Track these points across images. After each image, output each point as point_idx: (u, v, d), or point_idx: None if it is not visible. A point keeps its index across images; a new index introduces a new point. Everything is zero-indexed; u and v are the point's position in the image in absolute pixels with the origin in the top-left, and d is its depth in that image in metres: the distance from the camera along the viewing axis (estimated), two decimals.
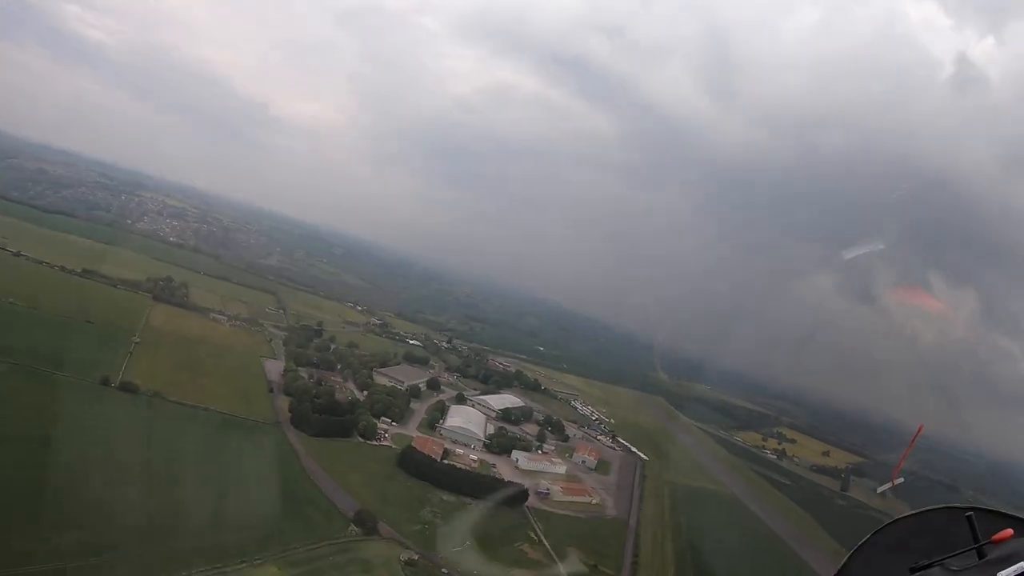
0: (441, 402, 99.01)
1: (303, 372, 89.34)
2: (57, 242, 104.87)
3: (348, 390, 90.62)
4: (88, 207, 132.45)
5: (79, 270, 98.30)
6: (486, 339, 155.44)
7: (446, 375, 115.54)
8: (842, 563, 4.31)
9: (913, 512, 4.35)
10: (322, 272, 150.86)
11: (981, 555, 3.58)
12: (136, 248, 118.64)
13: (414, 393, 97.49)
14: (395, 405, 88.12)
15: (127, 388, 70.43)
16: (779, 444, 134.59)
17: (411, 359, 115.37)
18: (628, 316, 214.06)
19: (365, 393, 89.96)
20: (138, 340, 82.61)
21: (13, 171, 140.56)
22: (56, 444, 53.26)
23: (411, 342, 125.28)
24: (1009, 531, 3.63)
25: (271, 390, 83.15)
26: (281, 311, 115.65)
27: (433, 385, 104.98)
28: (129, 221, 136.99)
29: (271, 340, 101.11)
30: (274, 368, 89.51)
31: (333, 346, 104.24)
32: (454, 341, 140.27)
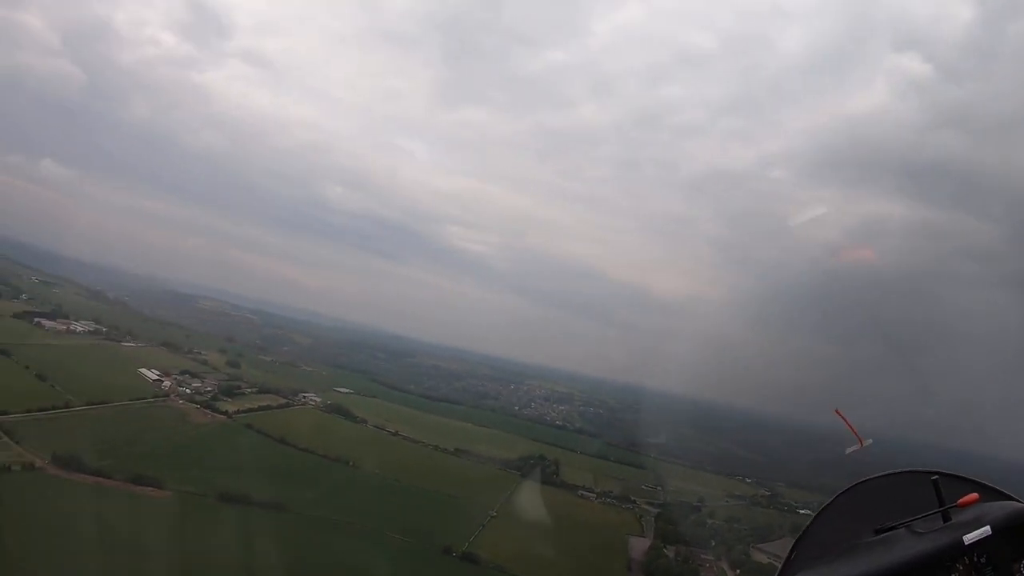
0: None
1: (669, 550, 76.23)
2: (437, 426, 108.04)
3: (719, 568, 74.69)
4: (476, 396, 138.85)
5: (451, 449, 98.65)
6: None
7: None
8: (807, 526, 4.45)
9: (878, 475, 4.40)
10: (710, 447, 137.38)
11: (946, 518, 3.62)
12: (513, 430, 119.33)
13: None
14: None
15: (468, 558, 65.83)
16: None
17: (797, 531, 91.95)
18: None
19: (737, 572, 73.65)
20: (494, 514, 77.61)
21: (412, 368, 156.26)
22: None
23: (801, 512, 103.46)
24: (975, 495, 3.68)
25: (630, 568, 71.64)
26: (658, 487, 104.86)
27: None
28: (516, 407, 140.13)
29: (641, 517, 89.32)
30: (639, 546, 77.64)
31: (709, 521, 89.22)
32: None
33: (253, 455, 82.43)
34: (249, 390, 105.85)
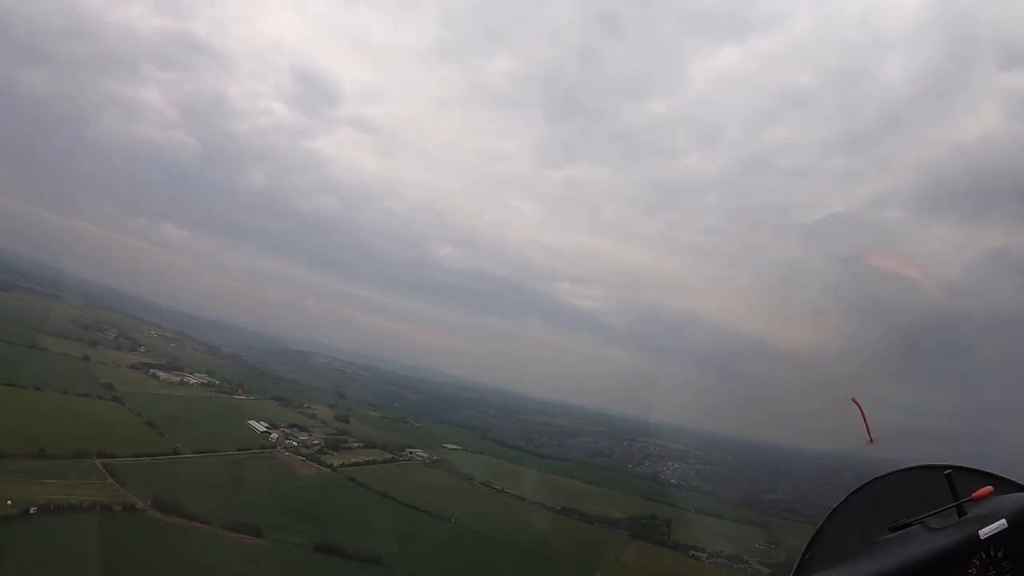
0: None
1: None
2: (545, 483, 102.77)
3: None
4: (588, 453, 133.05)
5: (558, 507, 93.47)
6: None
7: None
8: (820, 524, 4.35)
9: (891, 471, 4.39)
10: (831, 502, 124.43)
11: (961, 513, 3.60)
12: (625, 488, 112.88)
13: None
14: None
15: None
16: None
17: None
18: None
19: None
20: (599, 575, 72.11)
21: (522, 424, 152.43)
22: None
23: None
24: (989, 488, 3.65)
25: None
26: (772, 546, 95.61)
27: None
28: (629, 465, 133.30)
29: None
30: None
31: None
32: None
33: (354, 508, 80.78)
34: (356, 444, 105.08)
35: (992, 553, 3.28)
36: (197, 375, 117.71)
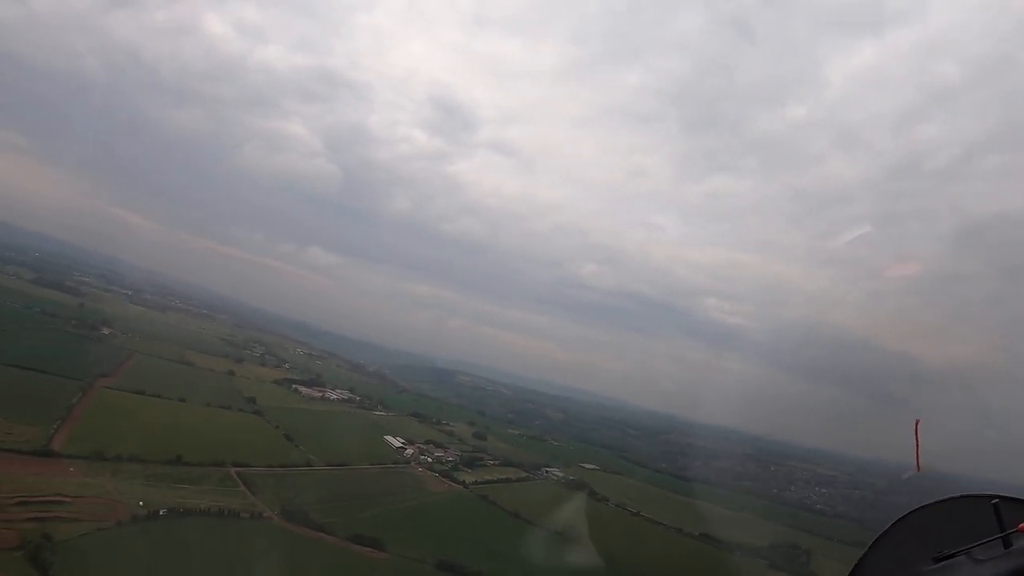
0: None
1: None
2: (684, 507, 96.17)
3: None
4: (732, 477, 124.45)
5: (696, 533, 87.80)
6: None
7: None
8: (863, 554, 4.22)
9: (935, 500, 4.26)
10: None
11: (1007, 544, 3.45)
12: (768, 515, 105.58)
13: None
14: None
15: None
16: None
17: None
18: None
19: None
20: None
21: (665, 445, 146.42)
22: None
23: None
24: None
25: None
26: None
27: None
28: (774, 490, 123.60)
29: None
30: None
31: None
32: None
33: (481, 526, 78.79)
34: (491, 462, 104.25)
35: None
36: (339, 391, 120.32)
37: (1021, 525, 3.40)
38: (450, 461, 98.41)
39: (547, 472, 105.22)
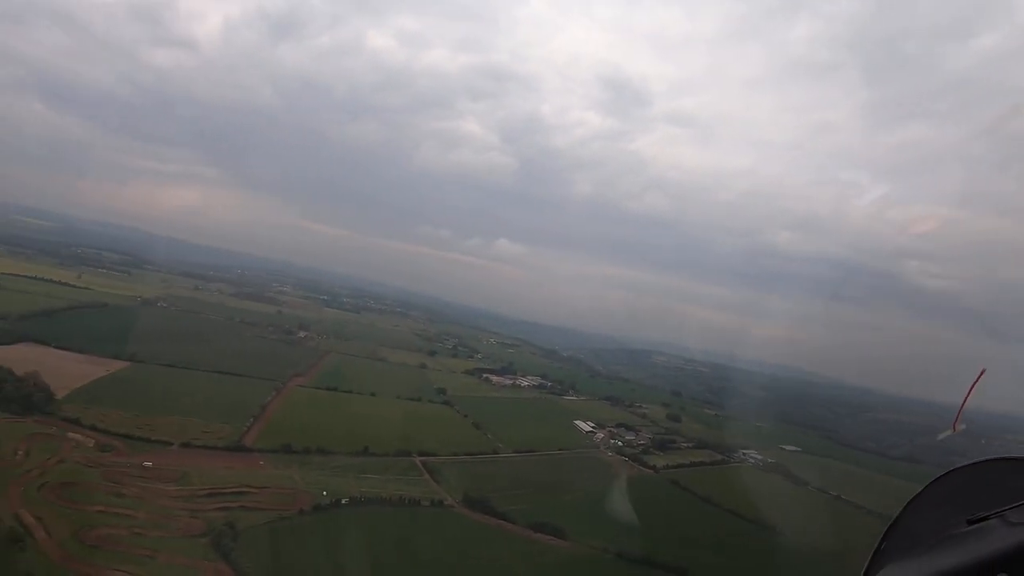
0: None
1: None
2: (889, 489, 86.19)
3: None
4: (942, 454, 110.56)
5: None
6: None
7: None
8: (896, 516, 3.96)
9: (969, 463, 3.99)
10: None
11: None
12: None
13: None
14: None
15: None
16: None
17: None
18: None
19: None
20: None
21: (871, 423, 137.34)
22: None
23: None
24: None
25: None
26: None
27: None
28: None
29: None
30: None
31: None
32: None
33: (670, 513, 76.94)
34: (684, 444, 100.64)
35: None
36: (530, 378, 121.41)
37: None
38: (641, 444, 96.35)
39: (744, 455, 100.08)
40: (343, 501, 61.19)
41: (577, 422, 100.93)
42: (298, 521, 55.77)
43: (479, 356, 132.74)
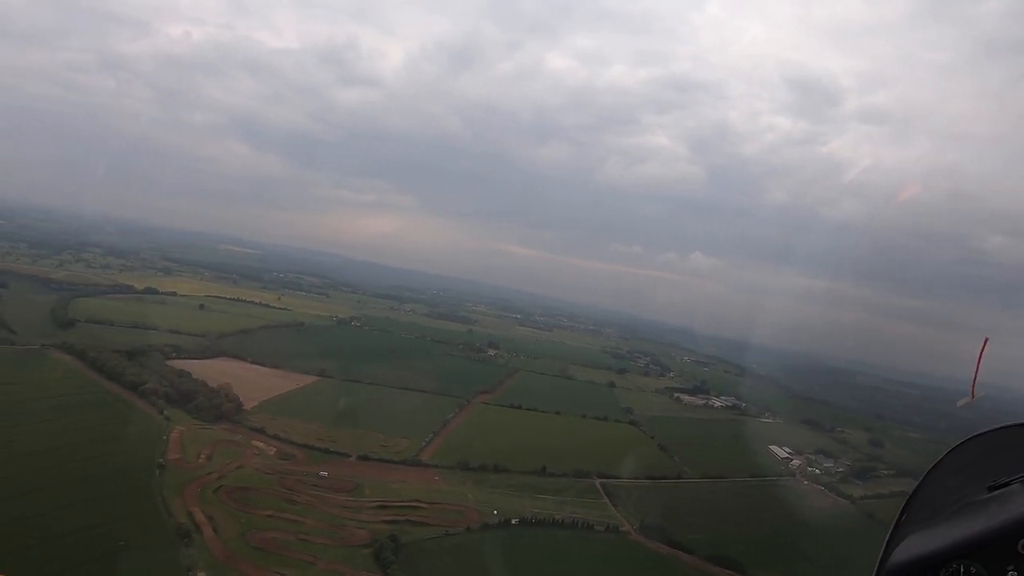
0: None
1: None
2: None
3: None
4: None
5: None
6: None
7: None
8: (917, 484, 4.09)
9: (989, 429, 4.13)
10: None
11: None
12: None
13: None
14: None
15: None
16: None
17: None
18: None
19: None
20: None
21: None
22: None
23: None
24: None
25: None
26: None
27: None
28: None
29: None
30: None
31: None
32: None
33: (863, 550, 67.30)
34: (886, 472, 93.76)
35: None
36: (723, 398, 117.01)
37: None
38: (839, 472, 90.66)
39: None
40: (513, 521, 61.91)
41: (772, 447, 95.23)
42: (463, 539, 57.23)
43: (672, 375, 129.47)
